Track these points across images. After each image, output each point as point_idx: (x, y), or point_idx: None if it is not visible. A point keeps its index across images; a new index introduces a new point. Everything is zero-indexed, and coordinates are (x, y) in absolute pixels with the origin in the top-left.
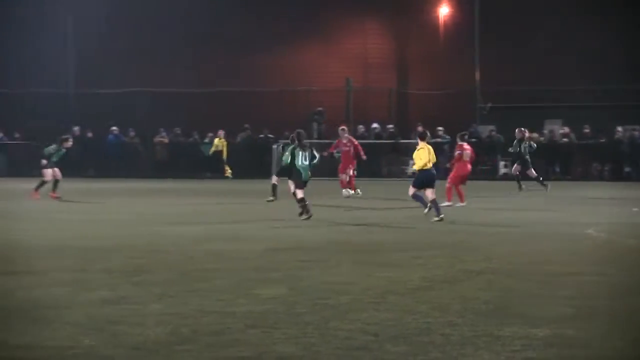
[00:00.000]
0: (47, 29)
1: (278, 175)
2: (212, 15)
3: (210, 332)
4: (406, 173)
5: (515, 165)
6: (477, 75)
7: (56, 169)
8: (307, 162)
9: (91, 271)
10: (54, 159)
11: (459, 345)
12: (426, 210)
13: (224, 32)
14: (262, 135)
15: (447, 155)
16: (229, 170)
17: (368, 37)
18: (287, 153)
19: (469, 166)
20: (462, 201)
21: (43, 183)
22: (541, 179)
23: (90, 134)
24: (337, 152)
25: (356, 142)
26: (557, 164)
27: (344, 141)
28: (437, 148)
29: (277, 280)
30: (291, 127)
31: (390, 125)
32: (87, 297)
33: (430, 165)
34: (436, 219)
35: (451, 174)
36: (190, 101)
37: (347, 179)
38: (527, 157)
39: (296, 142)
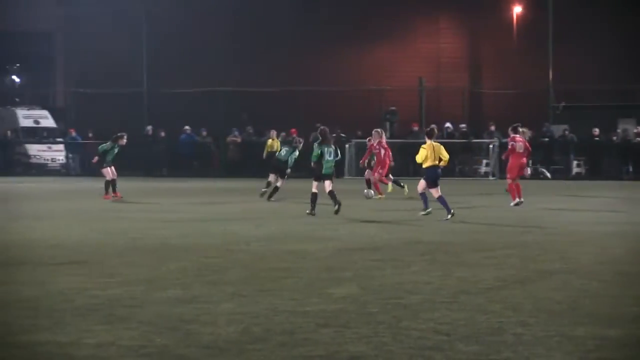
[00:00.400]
0: (121, 28)
1: (274, 172)
2: (285, 16)
3: (282, 331)
4: (479, 172)
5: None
6: (551, 75)
7: (112, 168)
8: (331, 158)
9: (164, 270)
10: (109, 157)
11: (531, 345)
12: (423, 213)
13: (297, 32)
14: (334, 135)
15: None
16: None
17: (441, 37)
18: (316, 150)
19: (524, 159)
20: (519, 197)
21: (108, 183)
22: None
23: (163, 134)
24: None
25: (385, 146)
26: (630, 164)
27: (374, 143)
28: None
29: (349, 280)
30: (364, 126)
31: (463, 125)
32: (159, 296)
33: (437, 163)
34: (422, 213)
35: (507, 169)
36: (263, 101)
37: (377, 179)
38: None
39: (320, 139)
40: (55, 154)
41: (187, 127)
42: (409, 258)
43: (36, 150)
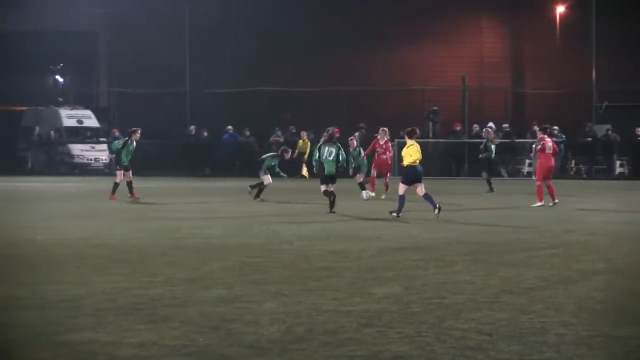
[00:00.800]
0: (164, 28)
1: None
2: (327, 15)
3: (324, 331)
4: (522, 172)
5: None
6: (594, 74)
7: (127, 172)
8: (330, 158)
9: (207, 270)
10: (124, 157)
11: (574, 345)
12: (436, 212)
13: (340, 32)
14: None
15: (561, 154)
16: (305, 172)
17: (484, 36)
18: (315, 150)
19: (553, 160)
20: (553, 199)
21: (116, 185)
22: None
23: (205, 133)
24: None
25: (390, 147)
26: None
27: (381, 142)
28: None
29: (392, 279)
30: (406, 126)
31: (506, 125)
32: (202, 295)
33: (417, 162)
34: (436, 212)
35: (538, 170)
36: (306, 100)
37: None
38: (493, 156)
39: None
40: (98, 153)
41: (229, 127)
42: (452, 258)
43: (79, 150)
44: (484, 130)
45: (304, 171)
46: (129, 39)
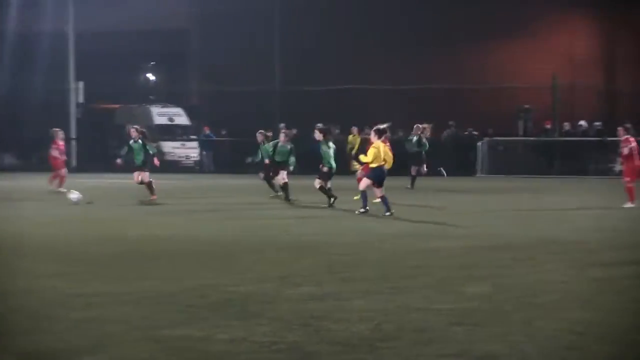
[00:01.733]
0: (255, 26)
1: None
2: (418, 14)
3: (414, 329)
4: (613, 171)
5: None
6: None
7: (145, 173)
8: (332, 155)
9: (297, 267)
10: (136, 160)
11: None
12: (362, 211)
13: (429, 30)
14: (466, 132)
15: None
16: (357, 166)
17: (575, 33)
18: (323, 147)
19: (638, 161)
20: (632, 200)
21: (150, 185)
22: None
23: (295, 131)
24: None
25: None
26: None
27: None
28: None
29: (482, 278)
30: (496, 124)
31: (597, 123)
32: (292, 292)
33: (384, 163)
34: (387, 214)
35: (627, 172)
36: (396, 99)
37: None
38: (425, 151)
39: (325, 136)
40: (189, 151)
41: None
42: (543, 256)
43: (170, 148)
44: (414, 126)
45: (356, 165)
46: (220, 36)
